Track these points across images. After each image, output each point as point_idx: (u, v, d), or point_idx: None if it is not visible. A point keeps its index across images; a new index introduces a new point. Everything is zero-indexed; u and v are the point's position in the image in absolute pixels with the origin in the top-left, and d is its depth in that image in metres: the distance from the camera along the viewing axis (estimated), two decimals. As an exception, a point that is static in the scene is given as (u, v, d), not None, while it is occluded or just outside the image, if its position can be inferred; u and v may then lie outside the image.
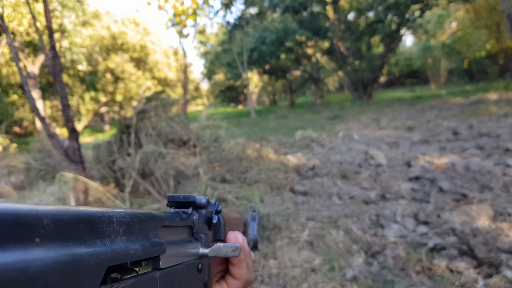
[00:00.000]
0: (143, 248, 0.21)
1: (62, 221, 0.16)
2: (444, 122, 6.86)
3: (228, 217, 0.45)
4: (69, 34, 12.47)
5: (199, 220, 0.34)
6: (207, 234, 0.35)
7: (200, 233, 0.34)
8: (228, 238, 0.40)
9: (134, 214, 0.22)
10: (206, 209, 0.34)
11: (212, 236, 0.38)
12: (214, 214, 0.38)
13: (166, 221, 0.26)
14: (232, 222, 0.48)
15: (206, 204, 0.33)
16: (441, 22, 20.36)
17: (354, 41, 16.05)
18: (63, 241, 0.15)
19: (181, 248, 0.28)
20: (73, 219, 0.17)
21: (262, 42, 16.26)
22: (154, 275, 0.23)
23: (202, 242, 0.33)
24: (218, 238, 0.40)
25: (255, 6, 16.46)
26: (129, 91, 17.86)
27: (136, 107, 4.40)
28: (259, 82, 24.95)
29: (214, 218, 0.38)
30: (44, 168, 4.90)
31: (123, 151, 3.88)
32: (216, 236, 0.39)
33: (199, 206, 0.33)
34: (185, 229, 0.32)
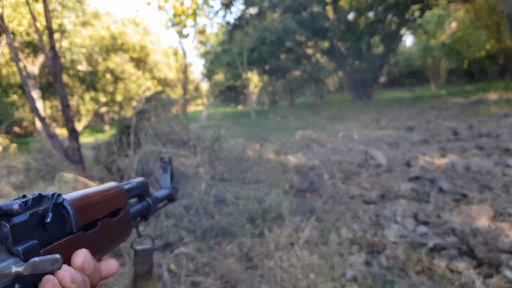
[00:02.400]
0: None
1: None
2: (444, 122, 6.86)
3: (85, 198, 0.38)
4: (69, 34, 12.47)
5: (24, 225, 0.29)
6: (38, 240, 0.30)
7: (23, 244, 0.28)
8: (72, 256, 0.33)
9: None
10: (18, 215, 0.28)
11: (52, 237, 0.32)
12: (50, 210, 0.32)
13: None
14: (99, 201, 0.40)
15: (19, 210, 0.28)
16: (441, 22, 20.35)
17: (354, 41, 16.05)
18: None
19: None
20: None
21: (262, 42, 16.26)
22: None
23: (21, 256, 0.28)
24: (69, 232, 0.35)
25: (255, 6, 16.46)
26: (129, 91, 17.87)
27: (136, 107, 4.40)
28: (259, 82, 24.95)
29: (48, 216, 0.31)
30: (44, 168, 4.89)
31: (123, 152, 3.88)
32: (61, 235, 0.34)
33: (7, 214, 0.28)
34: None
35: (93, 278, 0.34)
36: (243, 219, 2.77)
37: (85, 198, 0.38)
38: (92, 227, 0.39)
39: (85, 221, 0.37)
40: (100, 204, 0.40)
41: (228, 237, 2.55)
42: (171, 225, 2.73)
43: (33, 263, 0.27)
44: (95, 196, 0.40)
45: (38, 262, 0.27)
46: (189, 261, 2.24)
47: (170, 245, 2.49)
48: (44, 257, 0.27)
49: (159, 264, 2.19)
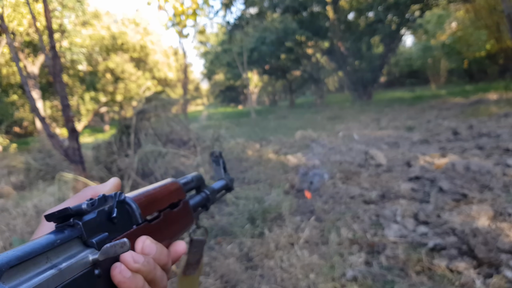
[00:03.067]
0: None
1: None
2: (444, 122, 6.86)
3: (145, 193, 0.42)
4: (69, 34, 12.47)
5: (94, 222, 0.33)
6: (109, 233, 0.34)
7: (97, 237, 0.32)
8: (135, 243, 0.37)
9: None
10: (87, 214, 0.32)
11: (120, 229, 0.36)
12: (115, 207, 0.36)
13: (13, 261, 0.25)
14: (159, 195, 0.45)
15: (88, 209, 0.31)
16: (441, 22, 20.36)
17: (354, 41, 16.06)
18: None
19: (57, 269, 0.28)
20: None
21: (262, 42, 16.27)
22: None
23: (95, 247, 0.32)
24: (135, 223, 0.39)
25: (255, 6, 16.46)
26: (129, 91, 17.87)
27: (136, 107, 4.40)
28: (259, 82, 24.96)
29: (113, 211, 0.36)
30: (44, 168, 4.89)
31: (123, 152, 3.88)
32: (128, 227, 0.38)
33: (80, 214, 0.31)
34: (70, 243, 0.31)
35: (160, 259, 0.38)
36: (243, 219, 2.77)
37: (145, 194, 0.43)
38: (156, 219, 0.43)
39: (148, 213, 0.41)
40: (159, 197, 0.45)
41: (228, 237, 2.55)
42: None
43: (106, 248, 0.31)
44: (154, 191, 0.44)
45: (110, 247, 0.31)
46: (189, 261, 2.23)
47: (170, 245, 2.49)
48: (114, 242, 0.31)
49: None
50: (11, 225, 3.15)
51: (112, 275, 0.32)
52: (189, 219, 0.51)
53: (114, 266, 0.32)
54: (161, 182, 0.48)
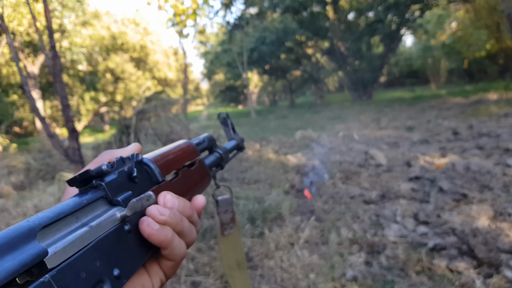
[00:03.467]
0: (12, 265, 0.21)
1: None
2: (444, 122, 6.86)
3: (161, 153, 0.44)
4: (69, 34, 12.47)
5: (116, 182, 0.34)
6: (132, 191, 0.35)
7: (121, 196, 0.33)
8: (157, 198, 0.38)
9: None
10: (108, 174, 0.33)
11: (142, 188, 0.37)
12: (134, 167, 0.37)
13: (45, 221, 0.25)
14: (174, 154, 0.46)
15: (108, 169, 0.32)
16: (441, 22, 20.36)
17: (354, 41, 16.05)
18: None
19: (89, 226, 0.29)
20: None
21: (262, 42, 16.27)
22: (43, 281, 0.23)
23: (121, 205, 0.33)
24: (156, 182, 0.40)
25: (255, 6, 16.46)
26: (129, 91, 17.87)
27: (136, 107, 4.40)
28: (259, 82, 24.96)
29: (133, 171, 0.36)
30: (44, 168, 4.89)
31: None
32: (150, 185, 0.39)
33: (101, 175, 0.32)
34: (96, 203, 0.32)
35: (185, 211, 0.38)
36: (243, 219, 2.77)
37: (162, 155, 0.44)
38: (174, 178, 0.44)
39: (166, 173, 0.42)
40: (176, 158, 0.46)
41: (228, 237, 2.55)
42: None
43: (132, 203, 0.31)
44: (169, 152, 0.46)
45: (136, 202, 0.31)
46: (189, 261, 2.24)
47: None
48: (140, 196, 0.32)
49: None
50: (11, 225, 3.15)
51: (140, 229, 0.33)
52: (206, 177, 0.53)
53: (141, 220, 0.33)
54: (174, 143, 0.49)
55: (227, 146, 0.65)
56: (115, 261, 0.30)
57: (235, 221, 0.62)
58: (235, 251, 0.64)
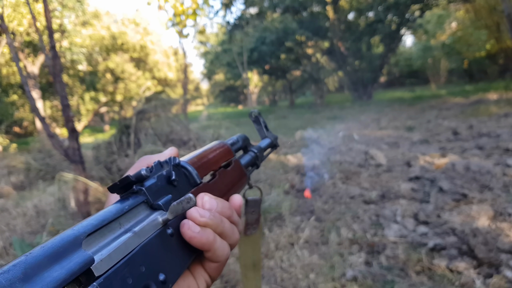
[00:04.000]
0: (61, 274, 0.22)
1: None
2: (444, 122, 6.86)
3: (198, 155, 0.44)
4: (69, 34, 12.47)
5: (156, 186, 0.34)
6: (172, 195, 0.36)
7: (161, 200, 0.34)
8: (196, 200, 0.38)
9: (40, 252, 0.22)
10: (147, 179, 0.33)
11: (181, 191, 0.38)
12: (172, 170, 0.37)
13: (90, 229, 0.26)
14: (211, 156, 0.46)
15: (147, 174, 0.32)
16: (441, 22, 20.36)
17: (354, 41, 16.05)
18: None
19: (132, 232, 0.29)
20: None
21: (262, 42, 16.26)
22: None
23: (163, 209, 0.33)
24: (194, 184, 0.40)
25: (255, 6, 16.46)
26: (129, 91, 17.86)
27: (136, 107, 4.40)
28: (259, 82, 24.96)
29: (172, 175, 0.37)
30: (44, 168, 4.89)
31: (123, 152, 3.88)
32: (188, 188, 0.39)
33: (140, 180, 0.32)
34: (138, 208, 0.32)
35: (224, 212, 0.38)
36: (243, 219, 2.77)
37: (198, 156, 0.44)
38: (211, 179, 0.45)
39: (204, 174, 0.43)
40: (211, 159, 0.46)
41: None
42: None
43: (173, 206, 0.32)
44: (205, 153, 0.46)
45: (177, 205, 0.32)
46: (189, 261, 2.23)
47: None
48: (180, 199, 0.32)
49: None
50: (11, 225, 3.15)
51: (182, 232, 0.33)
52: (243, 177, 0.53)
53: (182, 223, 0.34)
54: (209, 144, 0.50)
55: (261, 144, 0.66)
56: (160, 266, 0.30)
57: (260, 223, 0.62)
58: (253, 252, 0.64)
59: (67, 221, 2.91)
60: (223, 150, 0.50)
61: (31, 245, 2.44)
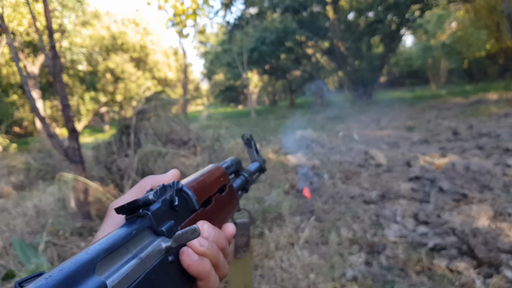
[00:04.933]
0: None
1: None
2: (444, 122, 6.86)
3: (197, 180, 0.45)
4: (69, 34, 12.47)
5: (160, 211, 0.35)
6: (174, 220, 0.36)
7: (165, 225, 0.34)
8: None
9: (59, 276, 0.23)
10: (153, 203, 0.34)
11: (182, 216, 0.38)
12: (175, 195, 0.38)
13: (102, 254, 0.27)
14: (208, 181, 0.47)
15: (154, 199, 0.33)
16: (441, 22, 20.36)
17: (354, 41, 16.04)
18: None
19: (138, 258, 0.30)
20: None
21: (262, 42, 16.26)
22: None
23: (166, 235, 0.34)
24: (193, 210, 0.41)
25: (255, 6, 16.46)
26: (129, 91, 17.86)
27: (136, 107, 4.39)
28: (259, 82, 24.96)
29: (175, 200, 0.38)
30: (44, 168, 4.89)
31: (123, 152, 3.88)
32: (188, 213, 0.40)
33: (147, 204, 0.33)
34: (143, 233, 0.32)
35: (220, 243, 0.39)
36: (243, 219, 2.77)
37: (198, 181, 0.45)
38: (208, 203, 0.45)
39: (202, 199, 0.43)
40: (209, 183, 0.47)
41: (228, 237, 2.55)
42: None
43: (178, 235, 0.33)
44: (203, 177, 0.47)
45: (181, 234, 0.32)
46: (189, 261, 2.23)
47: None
48: (185, 229, 0.33)
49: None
50: (11, 225, 3.15)
51: (180, 259, 0.34)
52: (235, 202, 0.54)
53: (182, 250, 0.34)
54: (207, 168, 0.51)
55: (251, 168, 0.66)
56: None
57: (249, 246, 0.62)
58: (244, 275, 0.64)
59: (67, 221, 2.91)
60: (219, 175, 0.51)
61: (31, 245, 2.44)
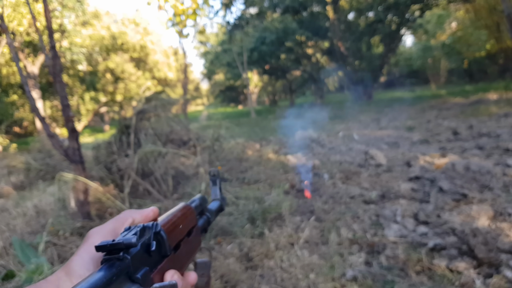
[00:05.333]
0: None
1: None
2: (444, 122, 6.86)
3: (171, 223, 0.44)
4: (69, 34, 12.47)
5: (138, 255, 0.34)
6: (148, 266, 0.35)
7: (140, 272, 0.34)
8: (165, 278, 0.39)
9: None
10: (136, 246, 0.33)
11: (155, 262, 0.38)
12: (152, 239, 0.37)
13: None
14: (179, 222, 0.46)
15: (137, 242, 0.32)
16: (441, 22, 20.36)
17: (354, 41, 16.05)
18: None
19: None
20: None
21: (262, 42, 16.26)
22: None
23: (140, 283, 0.33)
24: (164, 255, 0.40)
25: (255, 6, 16.46)
26: (129, 91, 17.86)
27: (136, 107, 4.39)
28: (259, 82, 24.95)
29: (152, 244, 0.36)
30: (44, 168, 4.89)
31: (123, 152, 3.88)
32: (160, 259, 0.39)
33: (129, 247, 0.32)
34: (120, 278, 0.32)
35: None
36: (243, 219, 2.77)
37: (171, 223, 0.43)
38: (178, 247, 0.44)
39: (173, 243, 0.42)
40: (181, 226, 0.46)
41: (228, 237, 2.55)
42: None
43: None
44: (176, 219, 0.45)
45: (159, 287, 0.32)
46: (189, 261, 2.23)
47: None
48: (163, 284, 0.32)
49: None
50: (11, 225, 3.15)
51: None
52: (199, 243, 0.53)
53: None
54: (178, 207, 0.49)
55: (213, 207, 0.65)
56: None
57: (209, 285, 0.61)
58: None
59: (67, 221, 2.91)
60: (190, 218, 0.50)
61: (31, 245, 2.44)
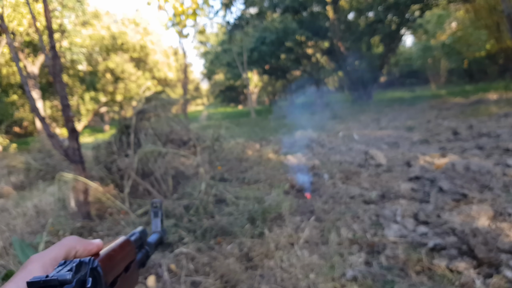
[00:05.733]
0: None
1: None
2: (444, 122, 6.86)
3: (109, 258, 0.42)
4: (69, 34, 12.47)
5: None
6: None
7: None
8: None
9: None
10: (71, 283, 0.32)
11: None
12: (88, 275, 0.35)
13: None
14: (119, 258, 0.45)
15: (72, 278, 0.31)
16: (441, 22, 20.36)
17: (354, 41, 16.05)
18: None
19: None
20: None
21: (262, 42, 16.26)
22: None
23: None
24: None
25: (255, 6, 16.46)
26: (129, 91, 17.87)
27: (136, 107, 4.39)
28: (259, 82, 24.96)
29: (88, 281, 0.35)
30: (44, 168, 4.89)
31: (123, 152, 3.88)
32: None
33: (63, 284, 0.31)
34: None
35: None
36: (243, 219, 2.77)
37: (109, 258, 0.42)
38: (113, 284, 0.42)
39: (110, 280, 0.40)
40: (119, 261, 0.44)
41: (228, 237, 2.55)
42: (171, 225, 2.73)
43: None
44: (114, 253, 0.44)
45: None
46: (189, 261, 2.23)
47: (170, 245, 2.49)
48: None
49: (159, 264, 2.19)
50: (11, 225, 3.15)
51: None
52: (136, 280, 0.51)
53: None
54: (118, 241, 0.48)
55: (152, 241, 0.64)
56: None
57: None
58: None
59: (67, 221, 2.91)
60: (129, 251, 0.49)
61: (31, 245, 2.44)
